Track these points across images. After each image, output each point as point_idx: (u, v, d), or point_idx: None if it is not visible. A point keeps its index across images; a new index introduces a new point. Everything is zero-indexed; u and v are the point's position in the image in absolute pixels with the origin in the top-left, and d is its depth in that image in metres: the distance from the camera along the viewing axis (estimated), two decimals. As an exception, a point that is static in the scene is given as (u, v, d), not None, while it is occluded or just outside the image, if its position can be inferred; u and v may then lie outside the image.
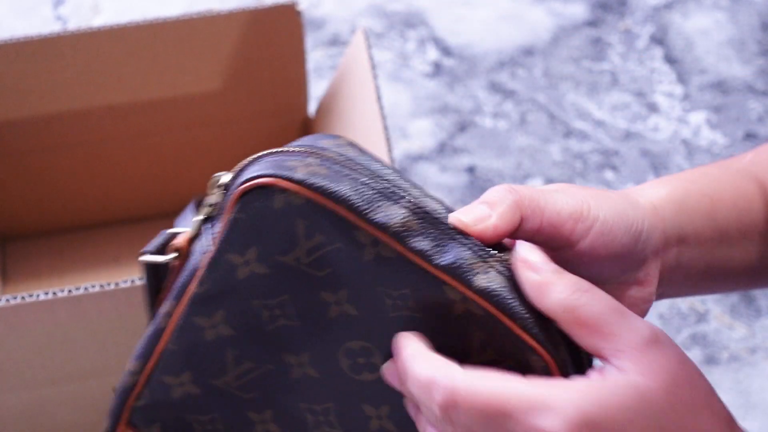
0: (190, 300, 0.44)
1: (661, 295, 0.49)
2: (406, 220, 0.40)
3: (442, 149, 1.12)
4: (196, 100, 0.91)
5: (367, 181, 0.40)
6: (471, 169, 1.10)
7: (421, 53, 1.22)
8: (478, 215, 0.40)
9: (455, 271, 0.39)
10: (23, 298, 0.66)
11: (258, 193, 0.41)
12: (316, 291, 0.42)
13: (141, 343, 0.46)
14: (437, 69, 1.20)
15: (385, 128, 0.74)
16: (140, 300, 0.69)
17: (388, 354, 0.41)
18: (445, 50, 1.23)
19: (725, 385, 0.93)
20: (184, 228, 0.48)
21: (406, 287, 0.40)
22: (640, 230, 0.43)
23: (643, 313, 0.47)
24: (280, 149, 0.42)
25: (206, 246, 0.43)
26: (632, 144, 1.13)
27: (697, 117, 1.16)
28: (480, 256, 0.39)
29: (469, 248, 0.39)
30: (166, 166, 0.97)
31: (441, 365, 0.38)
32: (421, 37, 1.24)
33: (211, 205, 0.44)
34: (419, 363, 0.39)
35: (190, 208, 0.69)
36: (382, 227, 0.39)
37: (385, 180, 0.41)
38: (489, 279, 0.39)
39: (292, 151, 0.42)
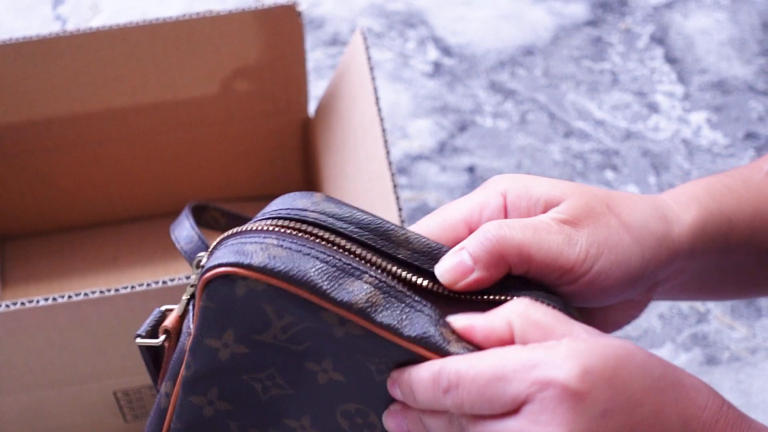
0: (182, 382, 0.44)
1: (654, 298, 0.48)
2: (369, 295, 0.39)
3: (442, 149, 1.12)
4: (195, 100, 0.91)
5: (328, 258, 0.40)
6: (471, 169, 1.10)
7: (421, 53, 1.22)
8: (460, 271, 0.40)
9: (426, 341, 0.39)
10: (23, 303, 0.66)
11: (220, 282, 0.40)
12: (300, 362, 0.42)
13: (149, 422, 0.46)
14: (437, 69, 1.20)
15: (383, 128, 0.74)
16: (139, 305, 0.68)
17: (383, 412, 0.42)
18: (445, 50, 1.22)
19: (726, 386, 0.93)
20: (172, 306, 0.47)
21: (384, 356, 0.40)
22: (648, 267, 0.43)
23: (633, 318, 0.47)
24: (243, 228, 0.42)
25: (189, 328, 0.43)
26: (633, 144, 1.13)
27: (698, 117, 1.16)
28: (442, 324, 0.39)
29: (432, 320, 0.39)
30: (165, 166, 0.97)
31: (440, 361, 0.38)
32: (421, 36, 1.24)
33: (192, 286, 0.44)
34: (421, 370, 0.39)
35: (185, 213, 0.69)
36: (347, 306, 0.39)
37: (356, 245, 0.41)
38: (459, 348, 0.39)
39: (254, 230, 0.42)
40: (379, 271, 0.40)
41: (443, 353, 0.39)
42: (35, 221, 0.99)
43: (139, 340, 0.46)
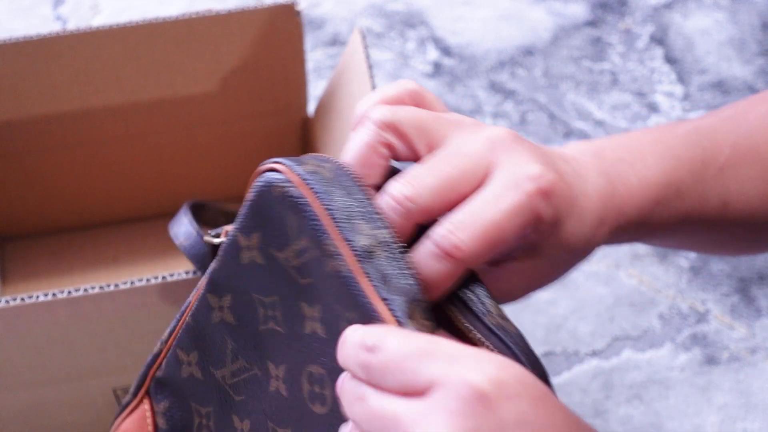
0: (209, 276, 0.45)
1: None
2: (372, 245, 0.40)
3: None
4: (195, 100, 0.91)
5: (360, 200, 0.41)
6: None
7: (421, 53, 1.22)
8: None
9: (389, 304, 0.39)
10: (23, 299, 0.66)
11: (268, 176, 0.42)
12: (299, 300, 0.42)
13: (176, 315, 0.48)
14: (437, 69, 1.20)
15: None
16: (139, 301, 0.68)
17: None
18: (445, 50, 1.23)
19: (725, 386, 0.93)
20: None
21: (355, 309, 0.40)
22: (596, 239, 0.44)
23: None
24: (326, 156, 0.44)
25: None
26: (632, 144, 1.13)
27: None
28: (414, 300, 0.40)
29: (409, 292, 0.39)
30: (165, 166, 0.97)
31: (380, 325, 0.38)
32: (421, 36, 1.24)
33: None
34: (360, 327, 0.38)
35: (183, 211, 0.70)
36: (349, 242, 0.39)
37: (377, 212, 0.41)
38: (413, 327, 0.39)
39: (329, 159, 0.43)
40: (392, 234, 0.40)
41: (397, 323, 0.39)
42: (35, 221, 0.99)
43: (206, 237, 0.49)
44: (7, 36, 0.83)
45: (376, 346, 0.37)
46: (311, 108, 0.97)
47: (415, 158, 0.43)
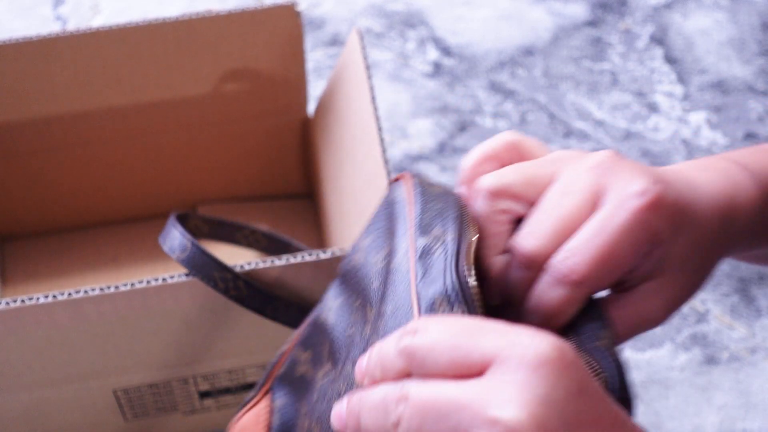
0: (338, 276, 0.47)
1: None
2: (430, 244, 0.41)
3: (442, 149, 1.12)
4: (195, 100, 0.91)
5: (444, 211, 0.42)
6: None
7: (421, 53, 1.22)
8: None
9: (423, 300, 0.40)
10: (23, 301, 0.66)
11: (394, 183, 0.44)
12: (368, 303, 0.44)
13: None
14: (437, 69, 1.20)
15: (379, 128, 0.74)
16: (139, 302, 0.69)
17: None
18: (445, 50, 1.22)
19: (725, 386, 0.93)
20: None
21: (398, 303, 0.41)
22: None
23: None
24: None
25: None
26: (632, 144, 1.13)
27: (697, 117, 1.16)
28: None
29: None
30: (165, 167, 0.97)
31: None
32: (421, 37, 1.24)
33: None
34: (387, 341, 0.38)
35: (172, 223, 0.70)
36: (413, 241, 0.41)
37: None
38: None
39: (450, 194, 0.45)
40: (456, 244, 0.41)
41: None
42: (35, 221, 0.99)
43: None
44: (8, 36, 0.83)
45: (419, 329, 0.36)
46: (311, 108, 0.97)
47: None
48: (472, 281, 0.38)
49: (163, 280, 0.67)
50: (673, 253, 0.43)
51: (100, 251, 0.99)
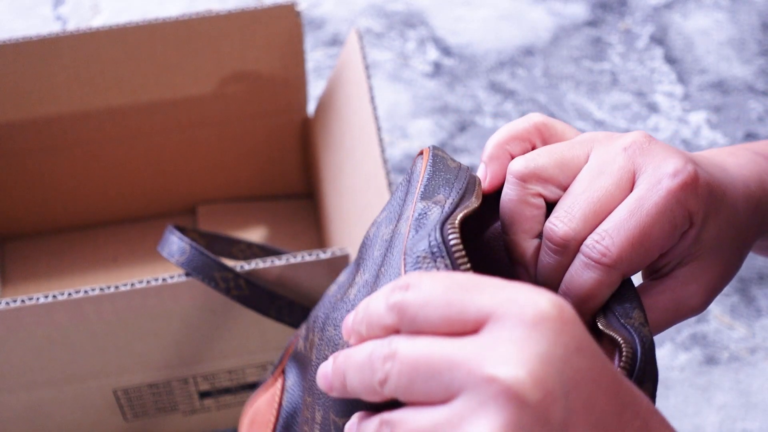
0: (358, 251, 0.47)
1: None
2: (429, 205, 0.41)
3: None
4: (195, 100, 0.91)
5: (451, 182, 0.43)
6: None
7: (421, 53, 1.22)
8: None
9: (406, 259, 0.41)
10: (23, 301, 0.66)
11: (417, 158, 0.45)
12: (361, 268, 0.45)
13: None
14: (437, 69, 1.20)
15: (378, 127, 0.74)
16: (139, 302, 0.69)
17: None
18: (445, 50, 1.22)
19: (725, 385, 0.93)
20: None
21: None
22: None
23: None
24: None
25: None
26: (632, 144, 1.13)
27: (697, 117, 1.16)
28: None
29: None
30: (165, 167, 0.97)
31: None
32: (421, 37, 1.24)
33: None
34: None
35: (170, 230, 0.70)
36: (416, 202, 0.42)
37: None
38: None
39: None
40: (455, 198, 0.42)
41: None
42: (35, 221, 0.99)
43: None
44: (8, 36, 0.83)
45: (411, 284, 0.34)
46: (311, 108, 0.97)
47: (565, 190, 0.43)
48: (454, 238, 0.37)
49: (163, 280, 0.67)
50: (707, 236, 0.42)
51: (100, 251, 0.99)
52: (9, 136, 0.90)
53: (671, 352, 0.95)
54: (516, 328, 0.32)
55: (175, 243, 0.69)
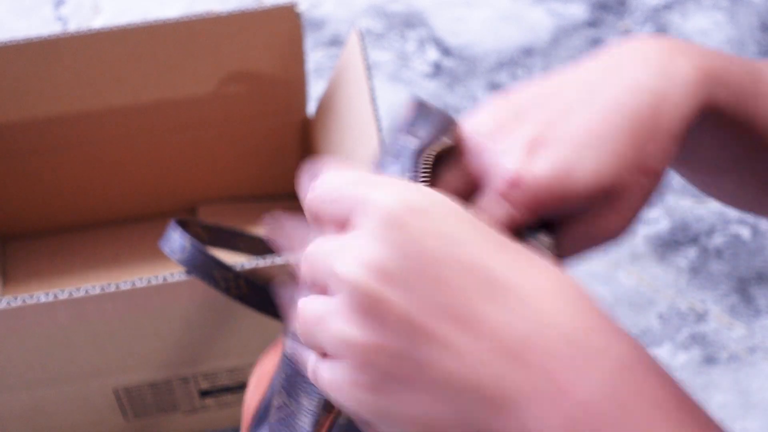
0: None
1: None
2: (406, 137, 0.43)
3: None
4: (196, 101, 0.92)
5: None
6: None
7: (421, 53, 1.22)
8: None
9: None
10: (24, 300, 0.66)
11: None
12: None
13: None
14: (437, 69, 1.21)
15: (379, 128, 0.74)
16: (140, 302, 0.69)
17: None
18: (445, 50, 1.23)
19: (724, 385, 0.93)
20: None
21: None
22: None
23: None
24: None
25: None
26: (632, 144, 1.13)
27: (697, 117, 1.16)
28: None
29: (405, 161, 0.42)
30: (166, 167, 0.97)
31: None
32: (421, 37, 1.24)
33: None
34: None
35: (172, 227, 0.70)
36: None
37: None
38: None
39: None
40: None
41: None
42: (36, 221, 0.99)
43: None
44: (9, 37, 0.83)
45: (319, 181, 0.37)
46: (311, 108, 0.97)
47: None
48: (425, 168, 0.40)
49: (164, 279, 0.67)
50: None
51: (101, 251, 1.00)
52: (11, 137, 0.90)
53: (670, 351, 0.96)
54: (372, 227, 0.34)
55: (176, 240, 0.69)
